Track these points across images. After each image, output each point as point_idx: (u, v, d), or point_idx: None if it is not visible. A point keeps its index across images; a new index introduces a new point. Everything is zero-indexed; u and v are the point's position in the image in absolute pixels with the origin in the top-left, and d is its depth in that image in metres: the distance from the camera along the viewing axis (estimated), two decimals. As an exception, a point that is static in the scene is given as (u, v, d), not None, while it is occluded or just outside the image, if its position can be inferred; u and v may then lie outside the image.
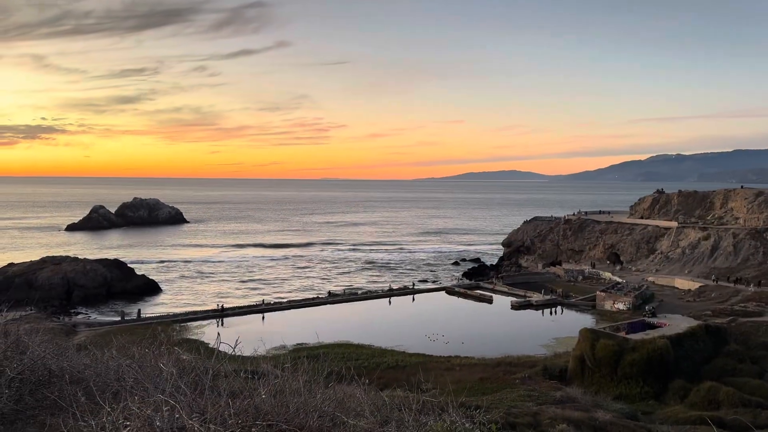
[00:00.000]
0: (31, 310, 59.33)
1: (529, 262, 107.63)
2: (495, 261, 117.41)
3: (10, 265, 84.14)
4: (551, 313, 69.62)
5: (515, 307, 72.02)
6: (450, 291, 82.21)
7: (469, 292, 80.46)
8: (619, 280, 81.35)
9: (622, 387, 39.06)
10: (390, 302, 75.64)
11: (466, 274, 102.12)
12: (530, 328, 63.09)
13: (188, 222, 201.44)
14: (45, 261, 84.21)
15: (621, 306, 67.37)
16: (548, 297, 74.30)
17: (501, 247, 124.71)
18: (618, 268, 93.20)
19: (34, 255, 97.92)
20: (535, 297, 74.43)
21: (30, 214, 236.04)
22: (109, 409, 5.06)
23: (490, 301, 75.66)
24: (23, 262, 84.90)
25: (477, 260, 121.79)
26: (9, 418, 6.26)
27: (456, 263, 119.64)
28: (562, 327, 61.07)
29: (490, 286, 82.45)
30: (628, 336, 44.15)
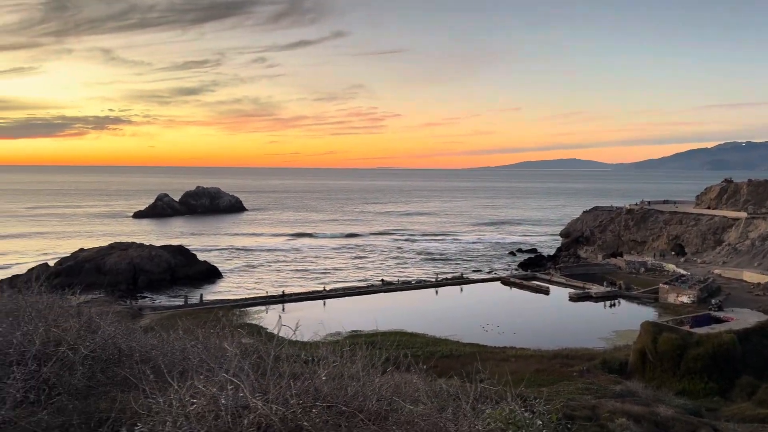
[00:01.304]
0: (99, 293, 62.07)
1: (589, 253, 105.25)
2: (552, 252, 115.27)
3: (81, 250, 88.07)
4: (611, 305, 67.97)
5: (573, 298, 70.66)
6: (505, 281, 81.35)
7: (524, 282, 79.41)
8: (684, 272, 78.54)
9: (685, 382, 37.88)
10: (437, 292, 75.47)
11: (522, 265, 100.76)
12: (589, 320, 61.81)
13: (247, 210, 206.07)
14: (113, 247, 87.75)
15: (685, 299, 65.14)
16: (609, 289, 72.54)
17: (559, 237, 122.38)
18: (682, 260, 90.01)
19: (102, 241, 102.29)
20: (595, 289, 72.80)
21: (99, 201, 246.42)
22: (176, 387, 5.25)
23: (546, 292, 74.47)
24: (93, 248, 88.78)
25: (533, 251, 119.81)
26: (82, 394, 6.56)
27: (512, 253, 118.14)
28: (622, 320, 59.64)
29: (547, 277, 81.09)
30: (693, 330, 42.77)
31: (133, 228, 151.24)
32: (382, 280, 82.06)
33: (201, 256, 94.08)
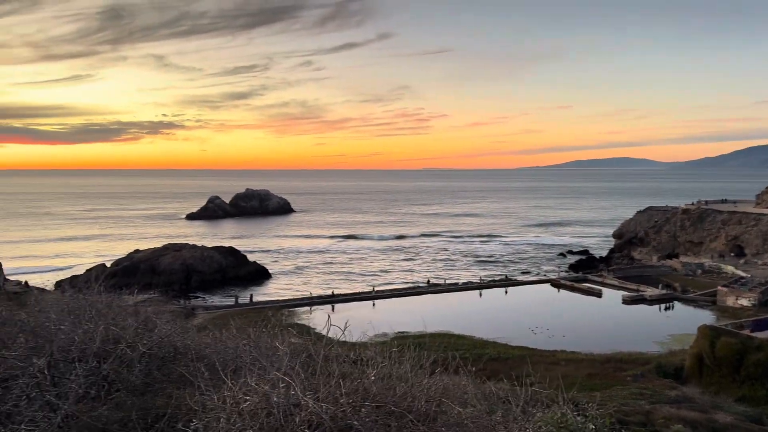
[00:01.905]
0: (154, 293, 63.82)
1: (643, 254, 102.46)
2: (605, 253, 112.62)
3: (136, 251, 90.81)
4: (666, 308, 66.03)
5: (627, 301, 68.90)
6: (555, 283, 79.94)
7: (576, 284, 77.85)
8: (743, 274, 75.59)
9: (745, 389, 36.41)
10: (480, 294, 74.47)
11: (573, 267, 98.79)
12: (643, 324, 60.14)
13: (295, 212, 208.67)
14: (167, 248, 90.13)
15: (745, 302, 62.75)
16: (664, 291, 70.48)
17: (611, 238, 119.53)
18: (742, 261, 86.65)
19: (157, 242, 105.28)
20: (649, 291, 70.83)
21: (153, 204, 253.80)
22: (230, 384, 5.38)
23: (599, 294, 72.87)
24: (147, 249, 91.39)
25: (585, 252, 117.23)
26: (140, 390, 6.78)
27: (562, 255, 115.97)
28: (678, 323, 57.83)
29: (600, 279, 79.30)
30: (753, 334, 41.14)
31: (186, 229, 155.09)
32: (428, 281, 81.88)
33: (251, 257, 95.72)
